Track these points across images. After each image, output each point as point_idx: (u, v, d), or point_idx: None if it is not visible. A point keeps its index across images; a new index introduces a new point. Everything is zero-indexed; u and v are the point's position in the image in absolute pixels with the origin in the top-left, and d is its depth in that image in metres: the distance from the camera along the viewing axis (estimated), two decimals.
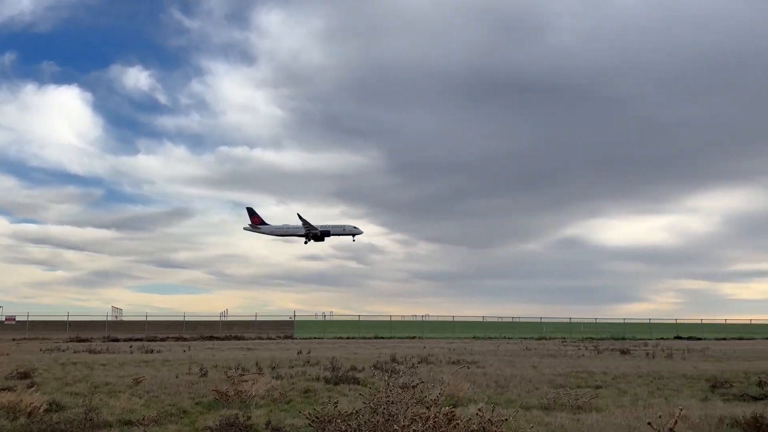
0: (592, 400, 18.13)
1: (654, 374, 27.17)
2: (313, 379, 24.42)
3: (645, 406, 17.82)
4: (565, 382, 23.98)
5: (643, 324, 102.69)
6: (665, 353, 42.49)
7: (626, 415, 15.89)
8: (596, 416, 15.79)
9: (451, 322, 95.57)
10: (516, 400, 19.12)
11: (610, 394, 20.61)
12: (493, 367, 30.21)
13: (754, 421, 13.84)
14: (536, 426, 14.43)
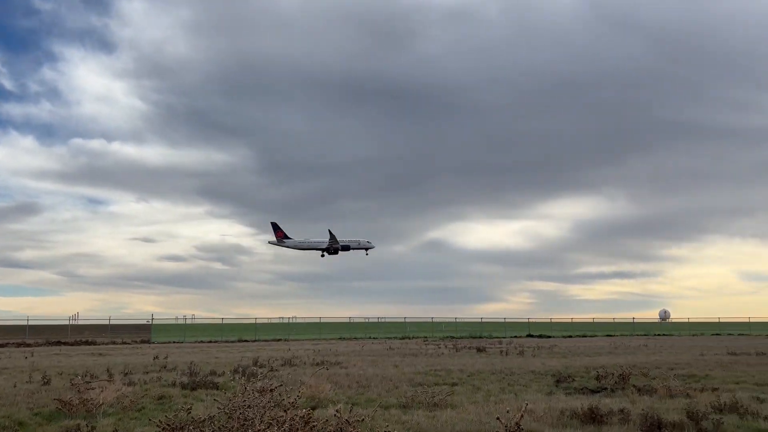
0: (447, 397, 18.78)
1: (506, 371, 28.67)
2: (168, 384, 23.35)
3: (496, 401, 18.73)
4: (424, 381, 24.70)
5: (499, 323, 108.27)
6: (517, 351, 45.04)
7: (478, 411, 16.61)
8: (451, 413, 16.38)
9: (317, 324, 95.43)
10: (376, 399, 19.39)
11: (465, 391, 21.47)
12: (356, 368, 30.50)
13: (590, 412, 14.97)
14: (393, 424, 14.72)
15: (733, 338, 73.34)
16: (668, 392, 19.41)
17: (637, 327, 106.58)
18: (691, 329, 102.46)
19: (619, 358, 37.75)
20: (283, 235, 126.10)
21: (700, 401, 17.60)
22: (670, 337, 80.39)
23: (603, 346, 53.85)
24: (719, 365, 31.19)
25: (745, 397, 18.64)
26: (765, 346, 48.67)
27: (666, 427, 13.37)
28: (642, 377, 24.94)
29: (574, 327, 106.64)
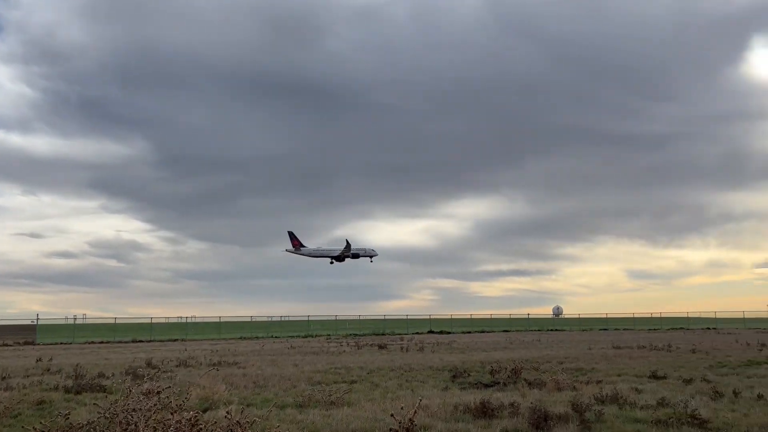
0: (345, 395, 18.76)
1: (405, 367, 29.02)
2: (50, 389, 21.95)
3: (393, 398, 18.88)
4: (323, 379, 24.57)
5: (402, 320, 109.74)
6: (418, 347, 45.75)
7: (374, 408, 16.67)
8: (347, 411, 16.34)
9: (217, 323, 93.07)
10: (272, 399, 19.06)
11: (363, 389, 21.52)
12: (254, 367, 29.92)
13: (482, 406, 15.36)
14: (288, 424, 14.52)
15: (618, 333, 77.89)
16: (557, 385, 20.23)
17: (532, 322, 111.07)
18: (582, 325, 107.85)
19: (514, 352, 39.14)
20: (299, 244, 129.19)
21: (585, 393, 18.50)
22: (562, 332, 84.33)
23: (499, 341, 55.68)
24: (604, 358, 32.95)
25: (625, 388, 19.75)
26: (646, 340, 51.97)
27: (552, 419, 13.90)
28: (533, 371, 25.92)
29: (473, 323, 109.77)
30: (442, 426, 13.93)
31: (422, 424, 14.00)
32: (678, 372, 25.00)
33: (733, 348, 40.00)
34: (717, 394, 18.00)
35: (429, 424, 14.15)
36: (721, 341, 49.32)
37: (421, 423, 14.08)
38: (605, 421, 14.21)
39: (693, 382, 21.21)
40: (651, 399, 17.10)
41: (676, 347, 41.37)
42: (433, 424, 14.20)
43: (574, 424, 13.76)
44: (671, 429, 13.14)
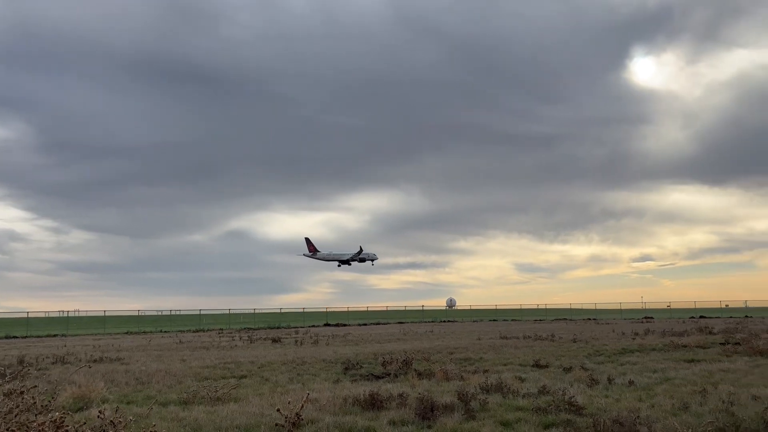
0: (232, 390, 18.22)
1: (298, 360, 28.67)
2: None
3: (283, 392, 18.53)
4: (211, 374, 23.80)
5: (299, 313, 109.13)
6: (312, 340, 45.47)
7: (262, 403, 16.28)
8: (233, 406, 15.85)
9: (102, 318, 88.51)
10: (155, 396, 18.21)
11: (253, 383, 21.01)
12: (139, 363, 28.56)
13: (370, 398, 15.36)
14: (170, 422, 13.90)
15: (507, 323, 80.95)
16: (445, 376, 20.62)
17: (427, 314, 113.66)
18: (473, 316, 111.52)
19: (407, 344, 39.70)
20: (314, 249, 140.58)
21: (472, 383, 18.96)
22: (455, 323, 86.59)
23: (394, 332, 56.37)
24: (492, 348, 34.05)
25: (509, 377, 20.45)
26: (531, 330, 54.30)
27: (438, 409, 14.10)
28: (424, 362, 26.32)
29: (369, 315, 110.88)
30: (330, 419, 13.78)
31: (310, 418, 13.80)
32: (559, 361, 26.20)
33: (609, 337, 42.48)
34: (593, 381, 18.98)
35: (317, 418, 13.96)
36: (600, 331, 52.34)
37: (309, 417, 13.88)
38: (489, 410, 14.60)
39: (572, 371, 22.25)
40: (533, 387, 17.76)
41: (559, 337, 43.45)
42: (321, 417, 14.02)
43: (459, 413, 14.02)
44: (550, 416, 13.65)
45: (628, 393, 17.01)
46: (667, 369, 22.34)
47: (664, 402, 15.28)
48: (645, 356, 27.73)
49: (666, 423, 12.25)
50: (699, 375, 20.54)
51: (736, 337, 36.02)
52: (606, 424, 11.90)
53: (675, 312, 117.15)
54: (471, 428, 12.79)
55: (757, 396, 15.52)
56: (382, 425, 13.24)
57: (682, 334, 43.52)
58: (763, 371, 21.22)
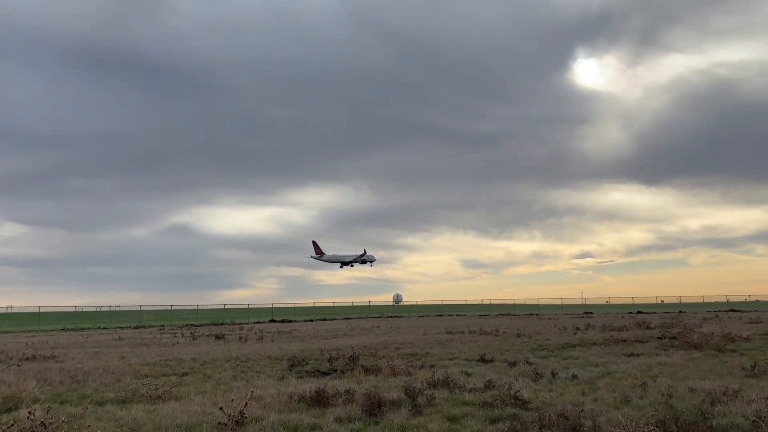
0: (173, 388, 17.68)
1: (242, 357, 28.13)
2: None
3: (226, 390, 18.09)
4: (152, 372, 23.09)
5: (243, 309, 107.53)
6: (257, 336, 44.79)
7: (204, 401, 15.83)
8: (174, 405, 15.34)
9: (36, 314, 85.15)
10: (91, 395, 17.48)
11: (195, 381, 20.45)
12: (75, 361, 27.48)
13: (317, 395, 15.11)
14: (106, 422, 13.34)
15: (452, 318, 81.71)
16: (392, 371, 20.53)
17: (373, 310, 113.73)
18: (419, 311, 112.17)
19: (354, 339, 39.54)
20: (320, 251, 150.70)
21: (419, 378, 18.92)
22: (401, 318, 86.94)
23: (340, 328, 56.13)
24: (438, 343, 34.22)
25: (456, 371, 20.50)
26: (477, 325, 54.89)
27: (385, 405, 13.96)
28: (371, 357, 26.20)
29: (316, 311, 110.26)
30: (275, 417, 13.46)
31: (254, 416, 13.45)
32: (504, 355, 26.49)
33: (552, 332, 43.32)
34: (537, 375, 19.21)
35: (261, 416, 13.62)
36: (542, 326, 53.33)
37: (253, 415, 13.54)
38: (436, 405, 14.54)
39: (517, 365, 22.50)
40: (479, 382, 17.83)
41: (503, 332, 44.05)
42: (266, 415, 13.69)
43: (406, 409, 13.92)
44: (496, 410, 13.69)
45: (572, 387, 17.26)
46: (608, 363, 22.82)
47: (606, 395, 15.55)
48: (587, 350, 28.31)
49: (609, 416, 12.43)
50: (639, 369, 21.05)
51: (672, 332, 37.19)
52: (551, 418, 11.98)
53: (614, 307, 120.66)
54: (418, 424, 12.70)
55: (693, 388, 15.95)
56: (328, 422, 13.01)
57: (622, 328, 44.71)
58: (698, 364, 21.91)
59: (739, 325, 45.08)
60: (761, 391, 15.07)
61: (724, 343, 28.17)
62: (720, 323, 49.64)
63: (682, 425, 10.99)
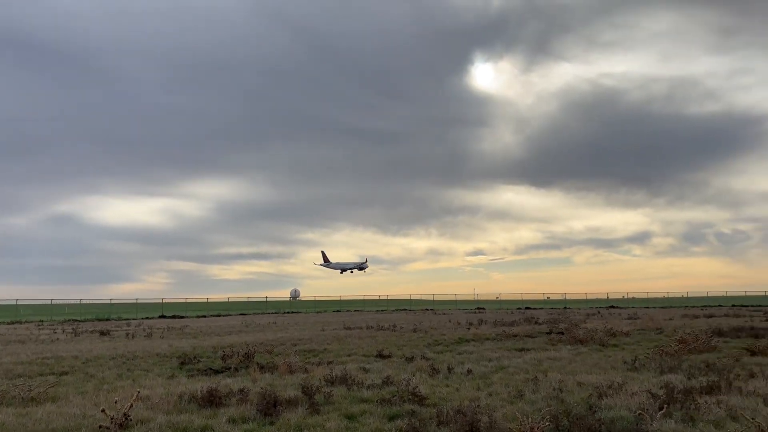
0: (50, 389, 16.36)
1: (129, 355, 26.66)
2: None
3: (110, 390, 16.98)
4: (26, 371, 21.36)
5: (132, 304, 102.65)
6: (146, 333, 42.73)
7: (85, 403, 14.74)
8: (50, 407, 14.16)
9: None
10: None
11: (75, 381, 19.08)
12: None
13: (209, 394, 14.43)
14: None
15: (350, 314, 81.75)
16: (289, 369, 20.05)
17: (270, 305, 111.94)
18: (317, 306, 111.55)
19: (249, 336, 38.53)
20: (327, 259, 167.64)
21: (316, 375, 18.59)
22: (299, 314, 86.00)
23: (235, 324, 54.66)
24: (336, 339, 33.97)
25: (354, 368, 20.33)
26: (374, 321, 55.16)
27: (281, 404, 13.53)
28: (267, 355, 25.55)
29: (209, 306, 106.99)
30: (163, 419, 12.70)
31: (140, 418, 12.64)
32: (401, 350, 26.62)
33: (447, 327, 44.19)
34: (434, 370, 19.37)
35: (148, 417, 12.81)
36: (438, 321, 54.37)
37: (138, 416, 12.72)
38: (334, 403, 14.27)
39: (414, 360, 22.63)
40: (377, 378, 17.72)
41: (400, 327, 44.47)
42: (153, 416, 12.89)
43: (303, 408, 13.55)
44: (394, 407, 13.59)
45: (467, 382, 17.51)
46: (501, 358, 23.41)
47: (500, 390, 15.86)
48: (480, 345, 28.98)
49: (505, 411, 12.64)
50: (530, 363, 21.71)
51: (559, 327, 38.91)
52: (449, 414, 12.02)
53: (504, 303, 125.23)
54: (315, 423, 12.37)
55: (581, 382, 16.60)
56: (220, 423, 12.41)
57: (512, 324, 46.37)
58: (584, 358, 22.91)
59: (619, 321, 47.91)
60: (642, 384, 15.90)
61: (607, 339, 29.71)
62: (602, 319, 52.51)
63: (573, 419, 11.30)
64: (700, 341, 24.74)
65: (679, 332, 29.13)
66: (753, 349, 23.47)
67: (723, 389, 14.86)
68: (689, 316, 56.94)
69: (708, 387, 15.03)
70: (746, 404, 13.08)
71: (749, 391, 14.58)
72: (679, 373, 18.08)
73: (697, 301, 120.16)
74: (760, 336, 29.91)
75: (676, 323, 44.58)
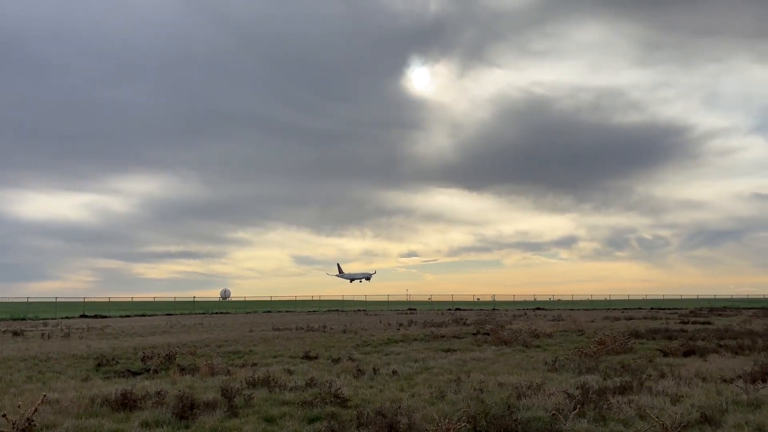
0: None
1: (42, 356, 25.44)
2: None
3: (17, 393, 16.11)
4: None
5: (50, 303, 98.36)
6: (63, 333, 40.94)
7: None
8: None
9: None
10: None
11: None
12: None
13: (122, 397, 13.89)
14: None
15: (281, 315, 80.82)
16: (211, 370, 19.57)
17: (198, 305, 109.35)
18: (247, 307, 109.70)
19: (173, 337, 37.48)
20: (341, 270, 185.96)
21: (238, 377, 18.19)
22: (227, 315, 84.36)
23: (159, 325, 53.10)
24: (263, 340, 33.45)
25: (278, 370, 20.02)
26: (305, 322, 54.66)
27: (199, 407, 13.17)
28: (189, 356, 24.84)
29: (134, 306, 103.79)
30: (71, 423, 12.13)
31: (46, 423, 12.05)
32: (329, 352, 26.44)
33: (377, 328, 44.26)
34: (359, 372, 19.29)
35: (55, 422, 12.22)
36: (369, 322, 54.40)
37: (45, 421, 12.14)
38: (254, 406, 13.98)
39: (340, 361, 22.51)
40: (301, 380, 17.50)
41: (330, 328, 44.24)
42: (60, 421, 12.30)
43: (221, 411, 13.22)
44: (315, 409, 13.44)
45: (392, 383, 17.51)
46: (427, 359, 23.57)
47: (423, 391, 15.93)
48: (408, 346, 29.14)
49: (425, 412, 12.69)
50: (454, 364, 21.94)
51: (486, 328, 39.59)
52: (369, 416, 11.96)
53: (435, 304, 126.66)
54: (233, 426, 12.08)
55: (502, 383, 16.88)
56: (132, 427, 11.96)
57: (441, 325, 46.88)
58: (507, 359, 23.36)
59: (544, 323, 49.21)
60: (560, 385, 16.32)
61: (531, 340, 30.41)
62: (527, 320, 53.81)
63: (490, 419, 11.44)
64: (617, 343, 25.63)
65: (599, 334, 30.12)
66: (665, 350, 24.50)
67: (635, 389, 15.41)
68: (610, 318, 59.10)
69: (621, 387, 15.55)
70: (655, 403, 13.59)
71: (658, 391, 15.17)
72: (596, 374, 18.64)
73: (619, 303, 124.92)
74: (673, 338, 31.26)
75: (597, 325, 46.18)
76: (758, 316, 63.07)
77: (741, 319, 55.66)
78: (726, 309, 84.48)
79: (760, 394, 14.29)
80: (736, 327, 41.13)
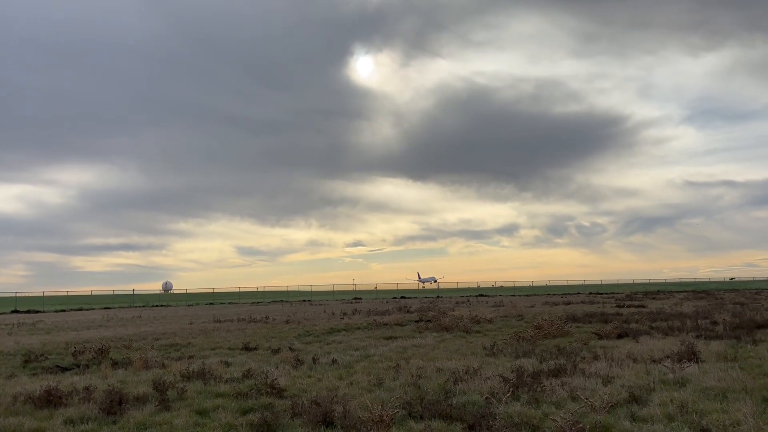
0: None
1: None
2: None
3: None
4: None
5: None
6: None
7: None
8: None
9: None
10: None
11: None
12: None
13: (47, 394, 13.32)
14: None
15: (223, 307, 79.63)
16: (145, 364, 19.01)
17: (138, 299, 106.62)
18: (189, 299, 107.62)
19: (109, 331, 36.38)
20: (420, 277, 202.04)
21: (173, 370, 17.75)
22: (168, 307, 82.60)
23: (95, 319, 51.50)
24: (203, 333, 32.80)
25: (215, 362, 19.61)
26: (247, 313, 53.86)
27: (128, 402, 12.75)
28: (124, 350, 24.15)
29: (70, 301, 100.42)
30: None
31: None
32: (269, 342, 26.11)
33: (320, 318, 44.04)
34: (299, 361, 19.09)
35: None
36: (313, 312, 54.12)
37: None
38: (187, 399, 13.63)
39: (280, 352, 22.23)
40: (238, 372, 17.19)
41: (273, 319, 43.75)
42: None
43: (152, 405, 12.83)
44: (250, 401, 13.19)
45: (331, 372, 17.38)
46: (368, 347, 23.53)
47: (361, 379, 15.85)
48: (350, 335, 29.06)
49: (362, 400, 12.61)
50: (395, 351, 21.96)
51: (428, 315, 39.92)
52: (304, 406, 11.81)
53: (381, 293, 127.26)
54: (163, 420, 11.72)
55: (440, 368, 16.98)
56: (55, 425, 11.45)
57: (385, 313, 47.04)
58: (447, 345, 23.55)
59: (485, 309, 49.99)
60: (497, 369, 16.52)
61: (471, 325, 30.81)
62: (470, 307, 54.54)
63: (426, 405, 11.47)
64: (554, 327, 26.20)
65: (537, 318, 30.74)
66: (600, 333, 25.17)
67: (569, 371, 15.72)
68: (549, 304, 60.55)
69: (555, 370, 15.86)
70: (587, 385, 13.89)
71: (591, 373, 15.53)
72: (533, 358, 18.97)
73: (559, 289, 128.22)
74: (608, 321, 32.16)
75: (537, 310, 47.16)
76: (689, 298, 65.81)
77: (673, 301, 57.92)
78: (660, 293, 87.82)
79: (686, 373, 14.80)
80: (668, 309, 42.69)
